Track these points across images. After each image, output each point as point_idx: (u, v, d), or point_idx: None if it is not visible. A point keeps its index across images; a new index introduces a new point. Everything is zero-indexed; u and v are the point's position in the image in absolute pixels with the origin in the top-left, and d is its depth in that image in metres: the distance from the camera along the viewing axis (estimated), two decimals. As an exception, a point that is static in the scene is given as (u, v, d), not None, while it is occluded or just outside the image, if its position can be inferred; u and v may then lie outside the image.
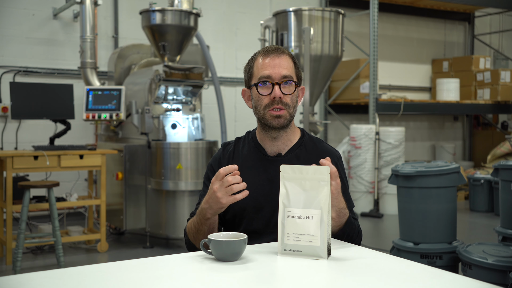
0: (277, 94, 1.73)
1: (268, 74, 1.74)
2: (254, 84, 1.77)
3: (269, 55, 1.77)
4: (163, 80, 4.86)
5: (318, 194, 1.48)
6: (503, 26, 9.33)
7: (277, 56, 1.76)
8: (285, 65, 1.76)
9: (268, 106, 1.75)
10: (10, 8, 5.73)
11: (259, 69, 1.76)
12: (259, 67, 1.77)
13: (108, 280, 1.27)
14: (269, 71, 1.74)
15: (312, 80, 5.47)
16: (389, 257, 1.49)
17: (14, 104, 4.50)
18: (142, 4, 5.88)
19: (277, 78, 1.74)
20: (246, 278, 1.30)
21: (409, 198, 3.50)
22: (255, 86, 1.77)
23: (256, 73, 1.78)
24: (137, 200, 4.79)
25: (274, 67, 1.75)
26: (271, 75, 1.74)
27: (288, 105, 1.76)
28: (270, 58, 1.76)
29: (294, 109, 1.79)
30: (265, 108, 1.76)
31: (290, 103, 1.76)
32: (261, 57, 1.78)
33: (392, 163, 6.21)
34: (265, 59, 1.77)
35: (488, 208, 6.39)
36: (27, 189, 4.01)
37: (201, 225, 1.71)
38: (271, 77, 1.74)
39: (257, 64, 1.78)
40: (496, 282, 2.89)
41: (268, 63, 1.76)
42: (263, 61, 1.77)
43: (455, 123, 9.26)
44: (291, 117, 1.79)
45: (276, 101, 1.74)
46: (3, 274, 3.95)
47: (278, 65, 1.75)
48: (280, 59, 1.76)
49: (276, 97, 1.73)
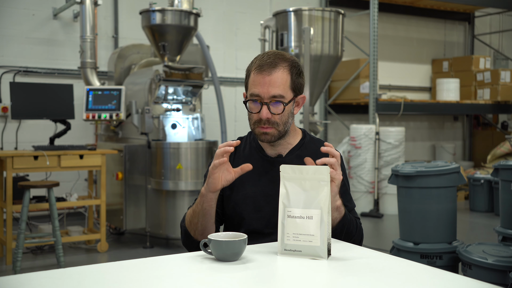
0: (263, 115, 1.71)
1: (258, 93, 1.71)
2: (245, 100, 1.77)
3: (261, 71, 1.71)
4: (163, 80, 4.86)
5: (318, 194, 1.48)
6: (503, 26, 9.33)
7: (269, 73, 1.71)
8: (277, 83, 1.70)
9: (257, 123, 1.75)
10: (10, 8, 5.73)
11: (251, 84, 1.74)
12: (251, 82, 1.74)
13: (108, 280, 1.27)
14: (259, 89, 1.71)
15: (312, 80, 5.47)
16: (389, 257, 1.49)
17: (14, 104, 4.50)
18: (142, 4, 5.88)
19: (266, 98, 1.71)
20: (246, 278, 1.30)
21: (409, 198, 3.50)
22: (246, 102, 1.77)
23: (249, 87, 1.76)
24: (137, 200, 4.79)
25: (263, 86, 1.70)
26: (260, 95, 1.71)
27: (276, 123, 1.73)
28: (262, 75, 1.71)
29: (284, 125, 1.76)
30: (255, 124, 1.76)
31: (280, 121, 1.74)
32: (255, 71, 1.73)
33: (392, 163, 6.21)
34: (257, 75, 1.72)
35: (488, 208, 6.39)
36: (27, 189, 4.01)
37: (197, 205, 1.74)
38: (260, 96, 1.72)
39: (251, 78, 1.75)
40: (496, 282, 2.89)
41: (258, 81, 1.71)
42: (255, 76, 1.72)
43: (455, 123, 9.26)
44: (280, 133, 1.76)
45: (264, 121, 1.73)
46: (3, 274, 3.95)
47: (268, 83, 1.70)
48: (271, 76, 1.70)
49: (263, 118, 1.72)
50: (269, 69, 1.71)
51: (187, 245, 1.82)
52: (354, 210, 1.87)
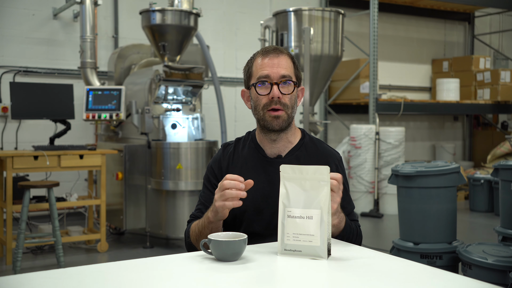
0: (275, 94, 1.72)
1: (267, 74, 1.73)
2: (253, 84, 1.76)
3: (267, 55, 1.75)
4: (163, 80, 4.86)
5: (318, 194, 1.48)
6: (503, 26, 9.33)
7: (276, 56, 1.75)
8: (284, 65, 1.74)
9: (266, 106, 1.74)
10: (10, 8, 5.73)
11: (258, 69, 1.75)
12: (258, 67, 1.76)
13: (108, 280, 1.27)
14: (268, 70, 1.73)
15: (312, 80, 5.47)
16: (389, 257, 1.49)
17: (14, 104, 4.50)
18: (142, 4, 5.88)
19: (276, 78, 1.73)
20: (246, 278, 1.30)
21: (409, 198, 3.49)
22: (253, 86, 1.76)
23: (255, 73, 1.76)
24: (137, 200, 4.79)
25: (272, 67, 1.73)
26: (269, 75, 1.73)
27: (286, 106, 1.74)
28: (269, 58, 1.75)
29: (292, 109, 1.77)
30: (264, 108, 1.74)
31: (289, 103, 1.75)
32: (260, 57, 1.77)
33: (392, 163, 6.21)
34: (264, 59, 1.75)
35: (488, 208, 6.39)
36: (27, 189, 4.01)
37: (204, 228, 1.70)
38: (269, 77, 1.73)
39: (256, 64, 1.77)
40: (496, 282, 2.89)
41: (266, 63, 1.74)
42: (262, 61, 1.75)
43: (455, 123, 9.26)
44: (290, 118, 1.77)
45: (275, 101, 1.72)
46: (3, 274, 3.95)
47: (277, 65, 1.73)
48: (279, 59, 1.75)
49: (274, 97, 1.72)
50: (275, 53, 1.76)
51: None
52: (354, 212, 1.86)
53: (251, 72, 1.79)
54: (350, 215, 1.80)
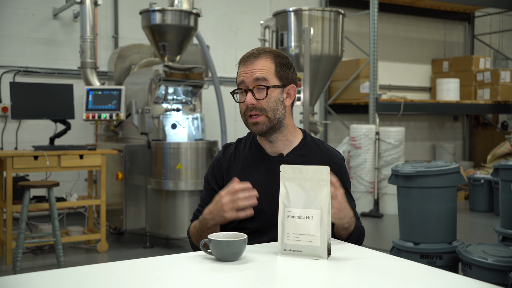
0: (248, 101, 1.72)
1: (242, 80, 1.73)
2: (232, 92, 1.78)
3: (245, 62, 1.74)
4: (163, 80, 4.86)
5: (318, 194, 1.48)
6: (503, 26, 9.33)
7: (251, 61, 1.73)
8: (259, 68, 1.72)
9: (246, 114, 1.75)
10: (10, 8, 5.73)
11: (238, 76, 1.77)
12: (238, 73, 1.77)
13: (108, 280, 1.27)
14: (243, 77, 1.73)
15: (312, 80, 5.47)
16: (389, 257, 1.49)
17: (14, 104, 4.50)
18: (142, 4, 5.88)
19: (250, 84, 1.72)
20: (246, 278, 1.30)
21: (409, 198, 3.49)
22: (233, 94, 1.78)
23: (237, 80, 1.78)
24: (137, 200, 4.79)
25: (247, 73, 1.72)
26: (244, 81, 1.73)
27: (264, 110, 1.72)
28: (245, 65, 1.74)
29: (273, 112, 1.73)
30: (244, 115, 1.76)
31: (266, 107, 1.72)
32: (241, 64, 1.77)
33: (392, 163, 6.21)
34: (241, 66, 1.76)
35: (488, 208, 6.39)
36: (27, 189, 4.01)
37: (203, 232, 1.72)
38: (244, 83, 1.73)
39: (238, 70, 1.78)
40: (496, 282, 2.89)
41: (242, 70, 1.74)
42: (240, 68, 1.76)
43: (455, 123, 9.26)
44: (271, 121, 1.74)
45: (249, 108, 1.73)
46: (3, 274, 3.95)
47: (251, 70, 1.72)
48: (254, 64, 1.72)
49: (248, 104, 1.72)
50: (252, 59, 1.74)
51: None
52: (355, 211, 1.86)
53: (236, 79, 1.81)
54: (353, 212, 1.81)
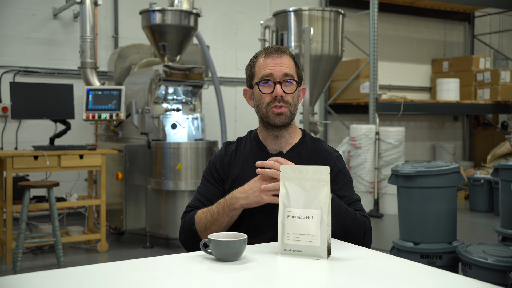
0: (278, 92, 1.76)
1: (270, 73, 1.78)
2: (256, 83, 1.80)
3: (270, 55, 1.80)
4: (163, 80, 4.86)
5: (318, 194, 1.48)
6: (503, 26, 9.33)
7: (279, 56, 1.79)
8: (286, 64, 1.79)
9: (269, 104, 1.79)
10: (10, 8, 5.73)
11: (261, 68, 1.80)
12: (261, 66, 1.80)
13: (108, 280, 1.27)
14: (271, 69, 1.78)
15: (312, 80, 5.47)
16: (389, 257, 1.49)
17: (14, 104, 4.50)
18: (142, 4, 5.88)
19: (279, 77, 1.77)
20: (246, 278, 1.30)
21: (409, 198, 3.49)
22: (257, 84, 1.80)
23: (258, 72, 1.81)
24: (137, 200, 4.79)
25: (275, 66, 1.78)
26: (272, 74, 1.77)
27: (289, 103, 1.79)
28: (272, 58, 1.79)
29: (295, 107, 1.82)
30: (267, 106, 1.79)
31: (291, 102, 1.80)
32: (263, 56, 1.81)
33: (392, 163, 6.21)
34: (266, 59, 1.80)
35: (488, 208, 6.39)
36: (27, 189, 4.01)
37: (223, 215, 1.71)
38: (272, 76, 1.77)
39: (259, 63, 1.81)
40: (496, 282, 2.89)
41: (269, 62, 1.79)
42: (264, 60, 1.80)
43: (455, 123, 9.26)
44: (292, 115, 1.82)
45: (278, 99, 1.77)
46: (3, 274, 3.95)
47: (280, 64, 1.78)
48: (281, 58, 1.79)
49: (277, 95, 1.77)
50: (278, 53, 1.80)
51: (190, 246, 1.79)
52: (360, 203, 1.87)
53: (254, 71, 1.83)
54: (353, 204, 1.81)
